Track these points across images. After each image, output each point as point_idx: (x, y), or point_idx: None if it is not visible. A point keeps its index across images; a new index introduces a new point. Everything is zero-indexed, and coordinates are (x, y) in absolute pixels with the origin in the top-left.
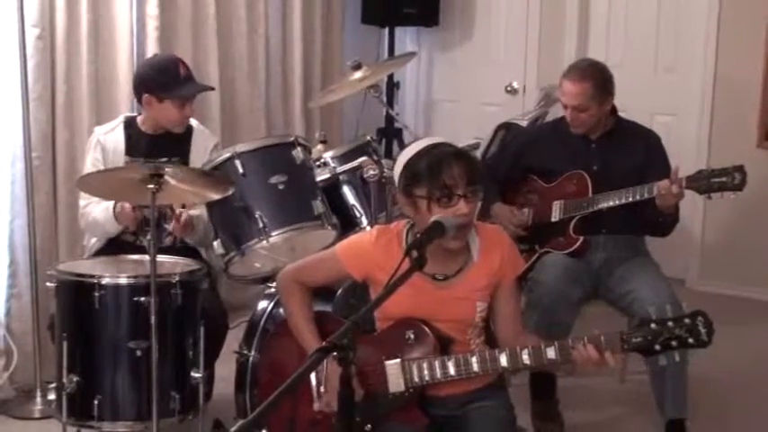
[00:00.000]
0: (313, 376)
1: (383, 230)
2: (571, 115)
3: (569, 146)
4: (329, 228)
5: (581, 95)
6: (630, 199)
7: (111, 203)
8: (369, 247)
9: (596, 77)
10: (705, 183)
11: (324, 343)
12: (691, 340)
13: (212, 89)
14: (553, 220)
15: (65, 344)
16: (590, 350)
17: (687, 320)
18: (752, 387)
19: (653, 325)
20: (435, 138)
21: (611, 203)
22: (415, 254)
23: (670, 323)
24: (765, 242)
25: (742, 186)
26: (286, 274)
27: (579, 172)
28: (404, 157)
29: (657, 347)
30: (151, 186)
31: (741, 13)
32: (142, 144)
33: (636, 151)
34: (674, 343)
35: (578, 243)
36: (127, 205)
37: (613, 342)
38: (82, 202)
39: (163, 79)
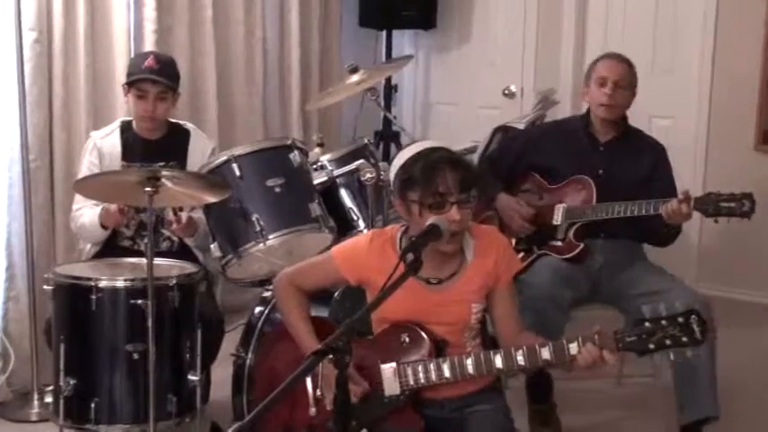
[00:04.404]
0: (309, 381)
1: (378, 234)
2: (611, 89)
3: (577, 147)
4: (326, 231)
5: (623, 72)
6: (636, 213)
7: (99, 209)
8: (363, 251)
9: (632, 65)
10: (713, 206)
11: (320, 346)
12: (685, 339)
13: (171, 86)
14: (555, 223)
15: (62, 346)
16: (590, 349)
17: (681, 319)
18: (751, 390)
19: (647, 324)
20: (432, 141)
21: (615, 215)
22: (410, 257)
23: (664, 322)
24: (763, 245)
25: (750, 214)
26: (282, 279)
27: (585, 178)
28: (399, 159)
29: (651, 346)
30: (148, 189)
31: (738, 16)
32: (138, 148)
33: (643, 162)
34: (668, 342)
35: (578, 250)
36: (113, 207)
37: (608, 341)
38: (74, 206)
39: (129, 69)
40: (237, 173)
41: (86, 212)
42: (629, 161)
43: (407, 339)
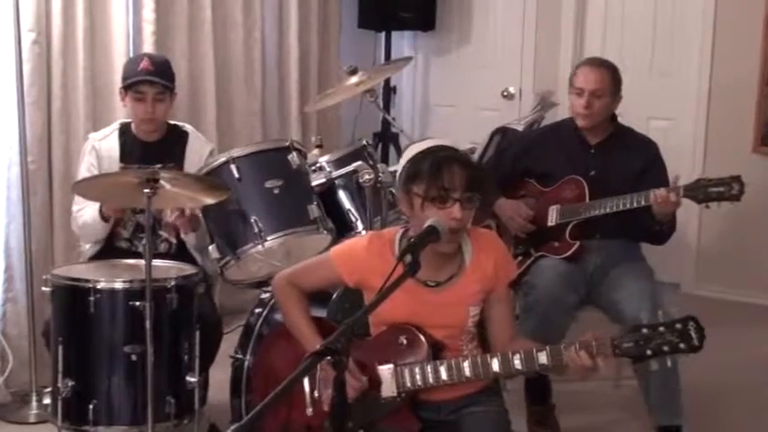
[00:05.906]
0: (306, 381)
1: (376, 236)
2: (587, 101)
3: (568, 150)
4: (324, 232)
5: (600, 80)
6: (627, 206)
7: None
8: (361, 253)
9: (613, 69)
10: (703, 192)
11: (318, 347)
12: (682, 345)
13: (168, 86)
14: (549, 224)
15: (60, 348)
16: (582, 356)
17: (678, 325)
18: (747, 391)
19: (644, 330)
20: (444, 141)
21: (607, 210)
22: (408, 259)
23: (661, 328)
24: (761, 246)
25: (739, 196)
26: (281, 278)
27: (577, 178)
28: (409, 153)
29: (649, 352)
30: (147, 191)
31: (737, 18)
32: (136, 150)
33: (635, 159)
34: (665, 348)
35: (574, 248)
36: None
37: (605, 347)
38: (74, 207)
39: (124, 73)
40: (236, 174)
41: (87, 211)
42: (620, 161)
43: (405, 341)
